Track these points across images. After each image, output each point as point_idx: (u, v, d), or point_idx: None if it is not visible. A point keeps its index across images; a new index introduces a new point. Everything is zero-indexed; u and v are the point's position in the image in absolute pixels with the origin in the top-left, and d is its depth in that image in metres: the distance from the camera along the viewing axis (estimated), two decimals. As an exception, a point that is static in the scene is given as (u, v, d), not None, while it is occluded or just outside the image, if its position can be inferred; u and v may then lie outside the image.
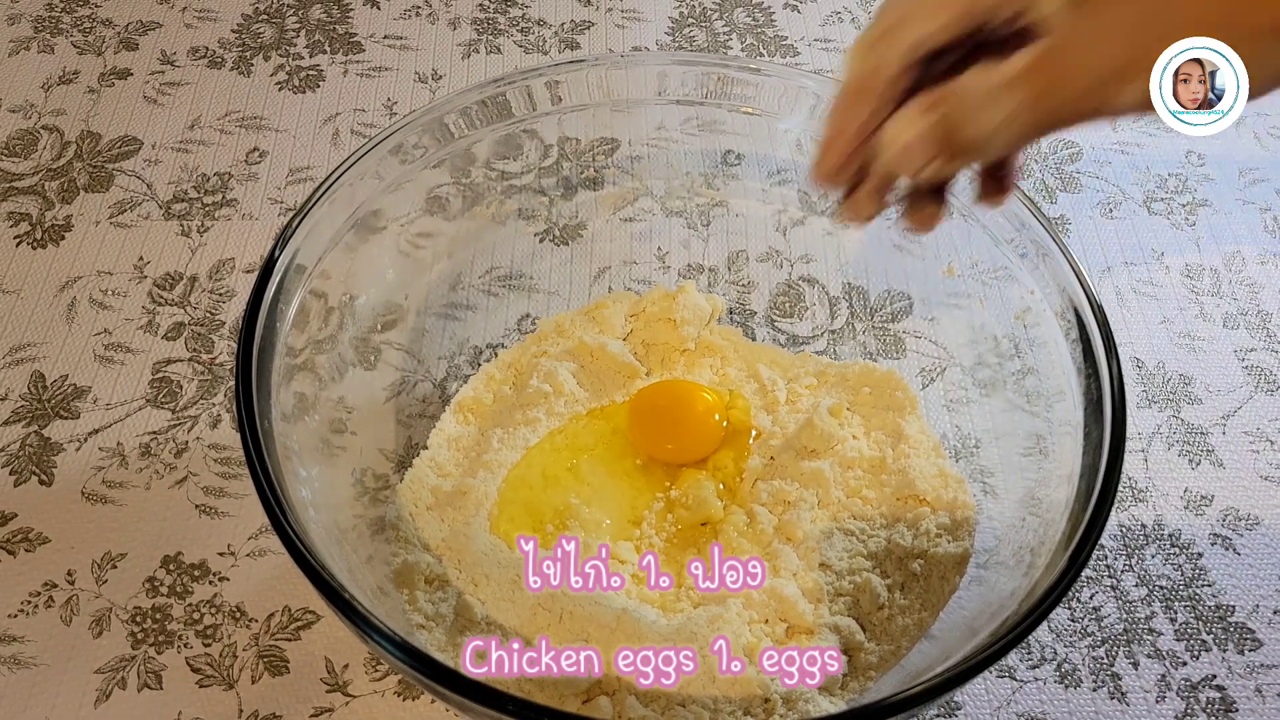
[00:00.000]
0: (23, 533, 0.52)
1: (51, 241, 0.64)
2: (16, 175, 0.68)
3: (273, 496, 0.37)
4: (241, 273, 0.63)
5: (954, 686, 0.34)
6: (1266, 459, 0.57)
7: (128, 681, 0.47)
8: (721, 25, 0.81)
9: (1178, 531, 0.54)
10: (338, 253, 0.48)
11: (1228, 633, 0.51)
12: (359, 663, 0.48)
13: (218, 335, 0.60)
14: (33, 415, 0.56)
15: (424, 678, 0.34)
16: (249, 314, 0.42)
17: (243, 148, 0.70)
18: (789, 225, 0.61)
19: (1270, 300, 0.64)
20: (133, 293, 0.62)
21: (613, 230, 0.62)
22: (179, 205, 0.66)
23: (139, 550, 0.51)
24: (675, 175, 0.60)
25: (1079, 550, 0.37)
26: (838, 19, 0.82)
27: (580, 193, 0.60)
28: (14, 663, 0.48)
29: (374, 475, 0.50)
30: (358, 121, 0.72)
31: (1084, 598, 0.52)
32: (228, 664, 0.48)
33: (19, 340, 0.59)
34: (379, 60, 0.76)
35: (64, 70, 0.74)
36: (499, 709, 0.33)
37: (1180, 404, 0.60)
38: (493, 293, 0.60)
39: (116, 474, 0.54)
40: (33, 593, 0.50)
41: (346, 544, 0.43)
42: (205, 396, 0.57)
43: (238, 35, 0.78)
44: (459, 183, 0.55)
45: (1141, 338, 0.62)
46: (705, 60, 0.56)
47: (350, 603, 0.35)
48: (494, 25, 0.80)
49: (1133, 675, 0.50)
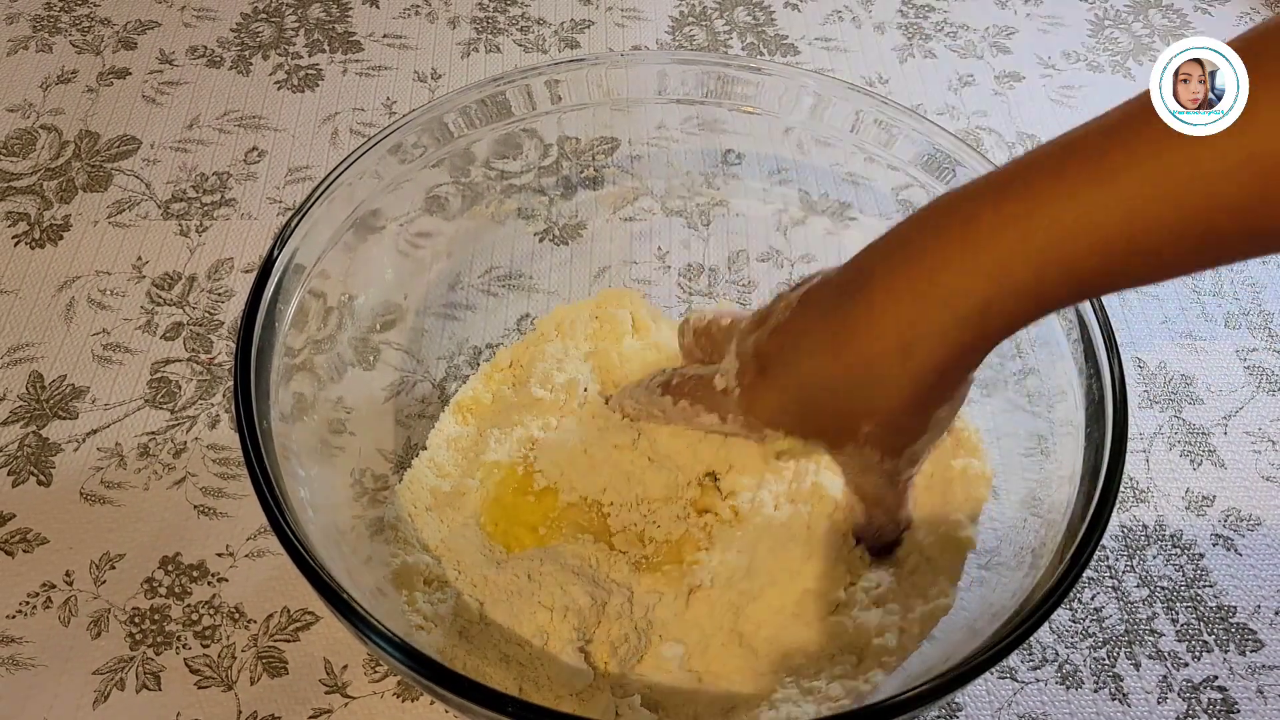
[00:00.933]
0: (21, 533, 0.52)
1: (50, 241, 0.64)
2: (15, 175, 0.67)
3: (271, 497, 0.37)
4: (240, 272, 0.63)
5: (955, 688, 0.34)
6: (1268, 459, 0.57)
7: (126, 682, 0.47)
8: (722, 24, 0.81)
9: (1179, 532, 0.54)
10: (337, 252, 0.48)
11: (1229, 634, 0.51)
12: (358, 664, 0.48)
13: (216, 335, 0.60)
14: (31, 415, 0.56)
15: (423, 679, 0.34)
16: (247, 314, 0.42)
17: (241, 147, 0.70)
18: (789, 225, 0.60)
19: (1272, 300, 0.64)
20: (131, 292, 0.61)
21: (613, 230, 0.62)
22: (178, 205, 0.66)
23: (137, 551, 0.51)
24: (675, 175, 0.60)
25: (1080, 551, 0.37)
26: (838, 18, 0.82)
27: (580, 192, 0.60)
28: (12, 664, 0.47)
29: (373, 476, 0.50)
30: (357, 121, 0.72)
31: (1085, 598, 0.52)
32: (226, 665, 0.48)
33: (17, 340, 0.59)
34: (378, 59, 0.76)
35: (62, 69, 0.74)
36: (498, 709, 0.33)
37: (1182, 404, 0.59)
38: (492, 292, 0.60)
39: (115, 474, 0.54)
40: (31, 593, 0.50)
41: (345, 544, 0.43)
42: (204, 397, 0.57)
43: (236, 34, 0.78)
44: (458, 182, 0.55)
45: (1143, 337, 0.62)
46: (705, 59, 0.56)
47: (349, 603, 0.35)
48: (493, 24, 0.80)
49: (1134, 676, 0.49)
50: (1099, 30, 0.82)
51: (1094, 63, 0.79)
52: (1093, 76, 0.78)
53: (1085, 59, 0.80)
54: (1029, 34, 0.82)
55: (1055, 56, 0.80)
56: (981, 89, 0.77)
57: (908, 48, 0.80)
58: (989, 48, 0.80)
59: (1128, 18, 0.84)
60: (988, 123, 0.74)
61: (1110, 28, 0.83)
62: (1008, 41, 0.81)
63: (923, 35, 0.81)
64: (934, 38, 0.81)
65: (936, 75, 0.78)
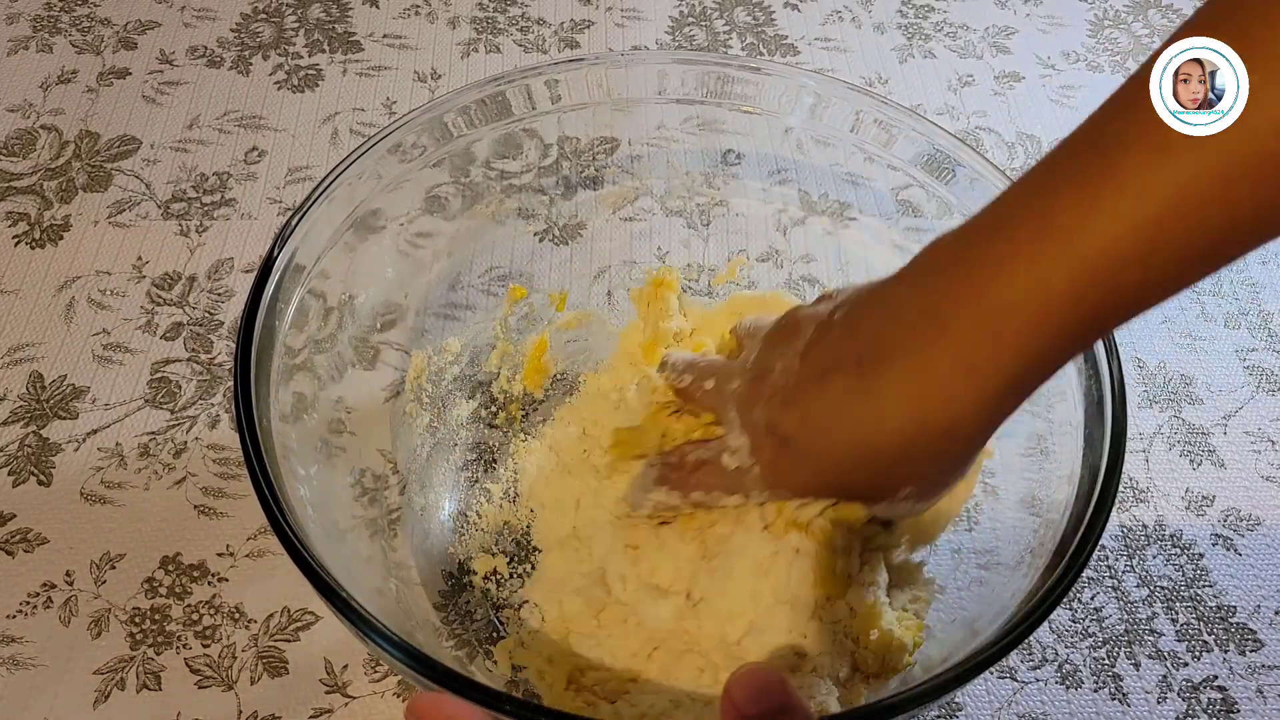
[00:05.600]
0: (21, 533, 0.52)
1: (50, 241, 0.64)
2: (15, 175, 0.67)
3: (271, 497, 0.37)
4: (240, 272, 0.63)
5: (955, 687, 0.34)
6: (1268, 459, 0.57)
7: (126, 682, 0.47)
8: (721, 24, 0.81)
9: (1179, 532, 0.54)
10: (336, 252, 0.48)
11: (1229, 633, 0.51)
12: (358, 663, 0.48)
13: (216, 335, 0.60)
14: (31, 415, 0.56)
15: (423, 678, 0.34)
16: (247, 314, 0.42)
17: (241, 147, 0.70)
18: (789, 225, 0.60)
19: (1272, 300, 0.64)
20: (131, 292, 0.61)
21: (613, 230, 0.62)
22: (178, 205, 0.66)
23: (138, 551, 0.51)
24: (675, 175, 0.60)
25: (1080, 551, 0.37)
26: (838, 18, 0.82)
27: (580, 192, 0.60)
28: (12, 664, 0.47)
29: (373, 475, 0.50)
30: (357, 121, 0.72)
31: (1085, 598, 0.52)
32: (227, 665, 0.48)
33: (17, 340, 0.59)
34: (378, 59, 0.76)
35: (62, 69, 0.74)
36: (497, 709, 0.33)
37: (1181, 404, 0.59)
38: (492, 292, 0.60)
39: (115, 474, 0.54)
40: (31, 593, 0.50)
41: (345, 544, 0.43)
42: (204, 397, 0.57)
43: (236, 34, 0.78)
44: (458, 182, 0.55)
45: (1142, 337, 0.62)
46: (705, 59, 0.56)
47: (349, 603, 0.35)
48: (493, 24, 0.80)
49: (1134, 676, 0.49)
50: (1099, 30, 0.82)
51: (1094, 63, 0.79)
52: (1092, 77, 0.78)
53: (1085, 59, 0.80)
54: (1029, 34, 0.82)
55: (1055, 57, 0.80)
56: (981, 89, 0.77)
57: (907, 48, 0.80)
58: (989, 48, 0.80)
59: (1127, 18, 0.84)
60: (987, 123, 0.74)
61: (1110, 28, 0.83)
62: (1007, 42, 0.81)
63: (922, 35, 0.81)
64: (934, 38, 0.81)
65: (936, 75, 0.78)
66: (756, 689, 0.32)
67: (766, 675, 0.32)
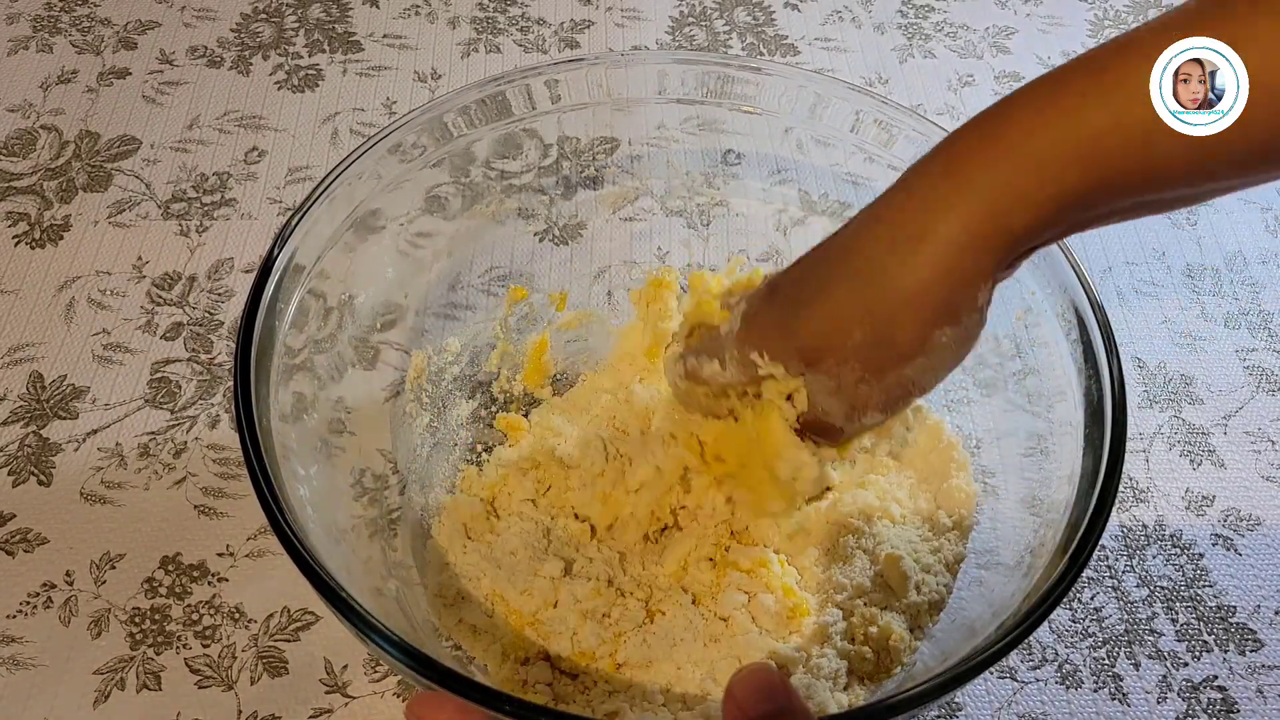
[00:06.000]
0: (21, 533, 0.52)
1: (50, 241, 0.64)
2: (15, 175, 0.67)
3: (271, 497, 0.37)
4: (240, 272, 0.63)
5: (955, 687, 0.34)
6: (1268, 459, 0.57)
7: (126, 682, 0.47)
8: (722, 24, 0.81)
9: (1179, 532, 0.54)
10: (336, 252, 0.48)
11: (1229, 633, 0.51)
12: (358, 663, 0.48)
13: (216, 335, 0.60)
14: (31, 415, 0.56)
15: (423, 678, 0.34)
16: (247, 313, 0.41)
17: (241, 147, 0.70)
18: (789, 225, 0.60)
19: (1271, 300, 0.64)
20: (131, 293, 0.61)
21: (613, 230, 0.62)
22: (178, 205, 0.66)
23: (138, 551, 0.51)
24: (675, 175, 0.60)
25: (1080, 551, 0.37)
26: (838, 18, 0.82)
27: (580, 192, 0.60)
28: (13, 663, 0.47)
29: (373, 475, 0.50)
30: (357, 121, 0.72)
31: (1085, 598, 0.52)
32: (227, 665, 0.48)
33: (17, 340, 0.59)
34: (378, 59, 0.76)
35: (62, 69, 0.74)
36: (497, 709, 0.33)
37: (1181, 404, 0.59)
38: (492, 292, 0.60)
39: (115, 474, 0.54)
40: (31, 593, 0.50)
41: (345, 544, 0.43)
42: (204, 397, 0.57)
43: (236, 34, 0.78)
44: (458, 182, 0.55)
45: (1142, 337, 0.62)
46: (705, 59, 0.56)
47: (349, 603, 0.35)
48: (493, 24, 0.80)
49: (1134, 676, 0.49)
50: (1099, 30, 0.82)
51: (1094, 63, 0.79)
52: (1093, 76, 0.78)
53: (1085, 59, 0.80)
54: (1029, 34, 0.82)
55: (1055, 56, 0.80)
56: (981, 89, 0.77)
57: (908, 48, 0.80)
58: (989, 48, 0.80)
59: (1127, 18, 0.84)
60: (988, 123, 0.74)
61: (1110, 28, 0.83)
62: (1008, 41, 0.81)
63: (923, 35, 0.81)
64: (934, 38, 0.81)
65: (936, 75, 0.78)
66: (758, 689, 0.32)
67: (769, 676, 0.33)
